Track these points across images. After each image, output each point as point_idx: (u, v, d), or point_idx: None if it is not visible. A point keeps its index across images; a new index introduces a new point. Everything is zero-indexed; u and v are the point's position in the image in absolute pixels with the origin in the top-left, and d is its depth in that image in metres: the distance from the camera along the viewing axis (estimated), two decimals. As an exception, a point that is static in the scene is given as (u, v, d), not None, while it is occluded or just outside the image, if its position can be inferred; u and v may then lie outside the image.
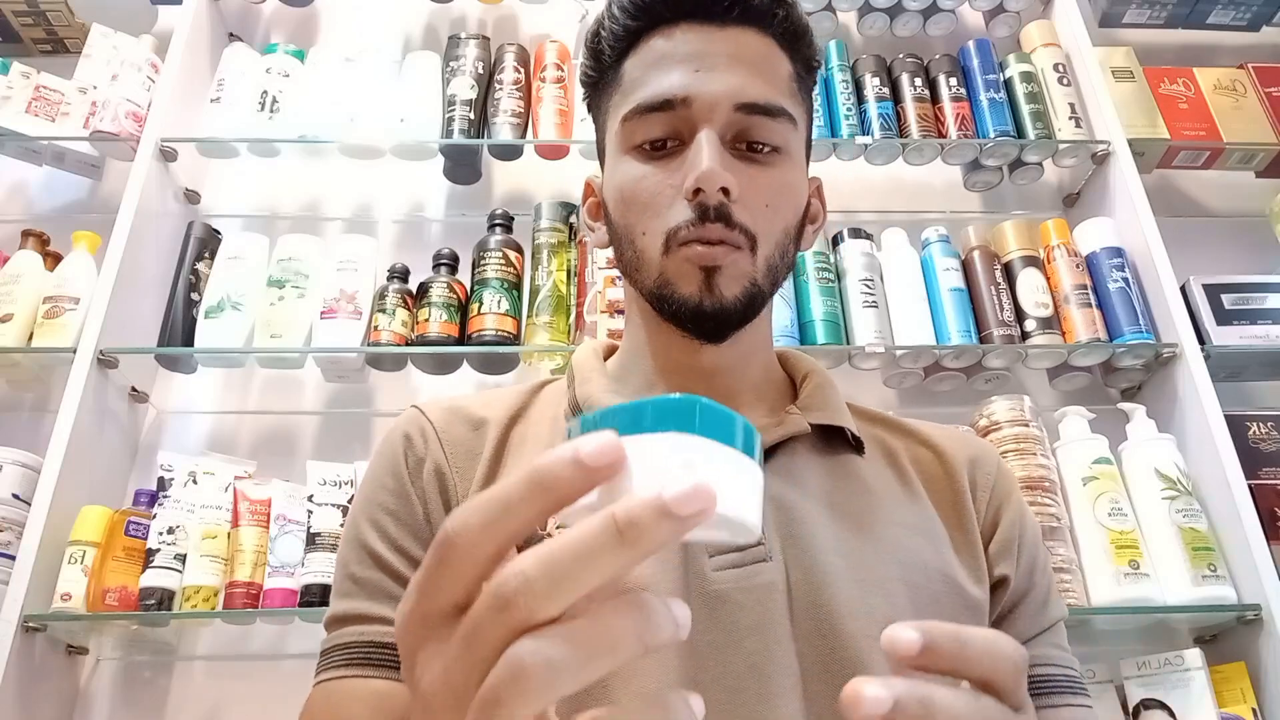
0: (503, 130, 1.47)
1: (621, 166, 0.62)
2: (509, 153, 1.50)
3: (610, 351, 0.72)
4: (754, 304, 0.60)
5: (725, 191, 0.57)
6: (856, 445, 0.64)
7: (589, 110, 0.71)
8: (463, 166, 1.52)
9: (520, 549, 0.28)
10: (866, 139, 1.48)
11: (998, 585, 0.62)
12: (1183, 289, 1.38)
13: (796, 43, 0.64)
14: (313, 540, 1.18)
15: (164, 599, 1.15)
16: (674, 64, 0.60)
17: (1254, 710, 1.12)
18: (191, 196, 1.54)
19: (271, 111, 1.48)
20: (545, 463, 0.27)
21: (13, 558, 1.14)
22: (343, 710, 0.55)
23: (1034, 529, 0.66)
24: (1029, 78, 1.55)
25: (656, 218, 0.59)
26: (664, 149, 0.60)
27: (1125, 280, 1.37)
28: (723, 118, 0.59)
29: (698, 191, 0.57)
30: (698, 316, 0.59)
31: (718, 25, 0.61)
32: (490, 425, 0.64)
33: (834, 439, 0.63)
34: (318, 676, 0.58)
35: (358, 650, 0.57)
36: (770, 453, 0.60)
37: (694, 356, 0.63)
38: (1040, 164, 1.53)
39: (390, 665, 0.56)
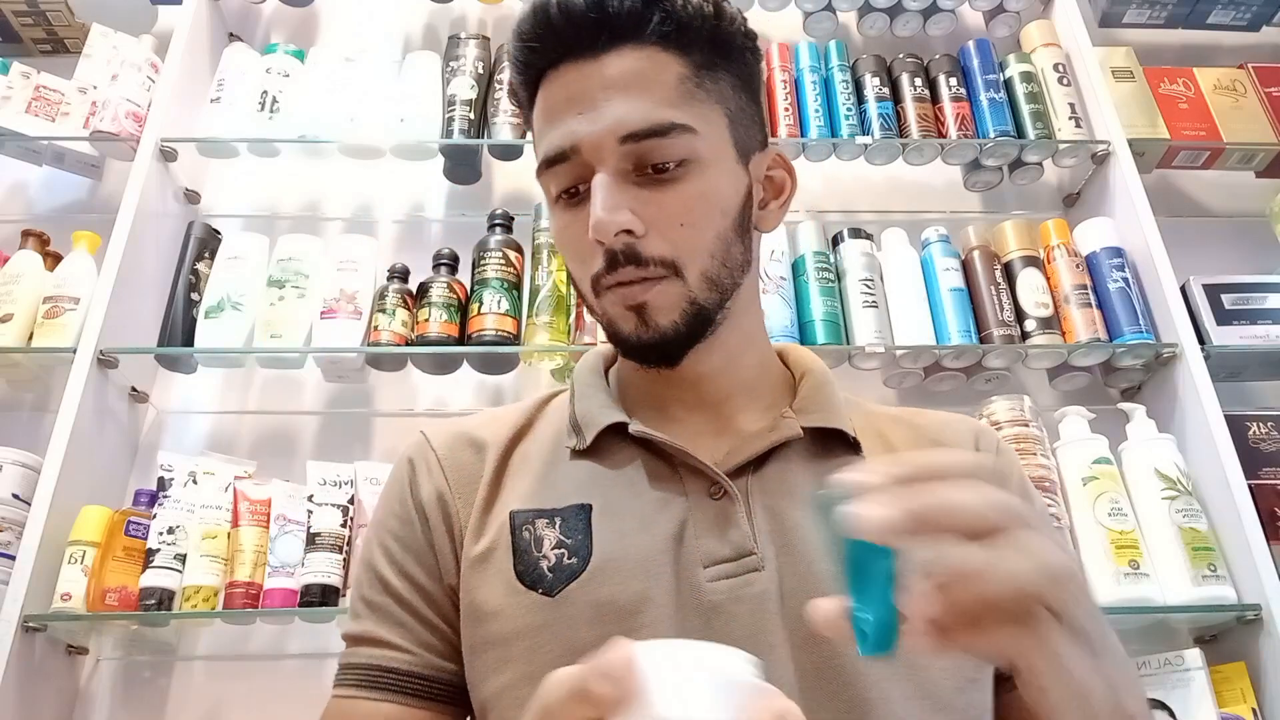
0: (503, 130, 1.47)
1: (551, 216, 0.64)
2: (509, 153, 1.50)
3: (614, 359, 0.72)
4: (699, 321, 0.60)
5: (630, 231, 0.57)
6: (854, 446, 0.63)
7: None
8: (463, 166, 1.52)
9: None
10: (866, 139, 1.48)
11: None
12: (1183, 289, 1.38)
13: (684, 36, 0.59)
14: (313, 540, 1.18)
15: (164, 599, 1.15)
16: (559, 112, 0.59)
17: (1254, 710, 1.12)
18: (191, 196, 1.54)
19: (271, 111, 1.48)
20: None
21: (13, 558, 1.14)
22: None
23: (1038, 507, 0.67)
24: (1029, 78, 1.55)
25: (582, 265, 0.61)
26: (576, 195, 0.60)
27: (1125, 280, 1.37)
28: (613, 155, 0.57)
29: (601, 240, 0.57)
30: (642, 349, 0.60)
31: (592, 57, 0.59)
32: (490, 448, 0.65)
33: (831, 440, 0.63)
34: (335, 689, 0.62)
35: (367, 672, 0.60)
36: (763, 460, 0.61)
37: (670, 372, 0.63)
38: (1040, 164, 1.53)
39: (395, 689, 0.59)
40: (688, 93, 0.59)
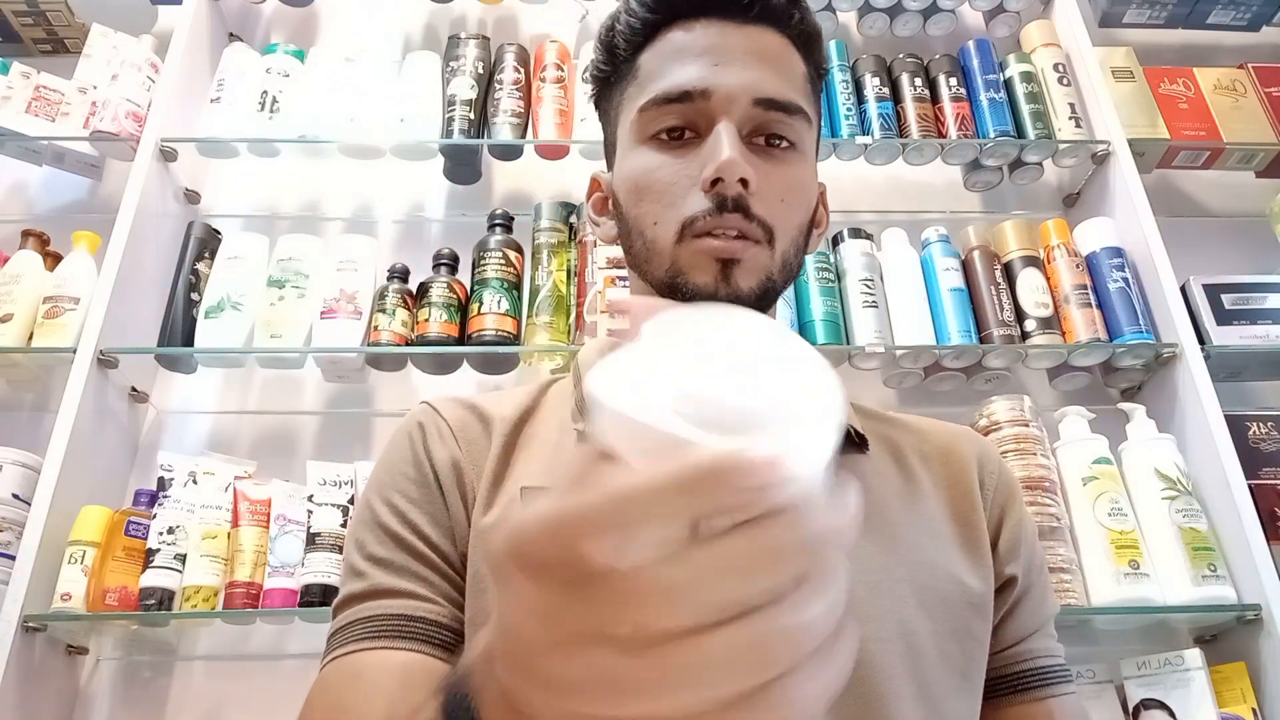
0: (503, 130, 1.47)
1: (636, 156, 0.62)
2: (509, 153, 1.50)
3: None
4: (767, 297, 0.60)
5: (744, 183, 0.57)
6: (860, 443, 0.64)
7: (596, 106, 0.71)
8: (463, 166, 1.52)
9: None
10: (866, 139, 1.48)
11: (1007, 584, 0.63)
12: (1183, 289, 1.38)
13: (810, 45, 0.66)
14: (313, 540, 1.18)
15: (164, 599, 1.15)
16: (692, 57, 0.61)
17: (1254, 710, 1.12)
18: (191, 196, 1.54)
19: (271, 111, 1.48)
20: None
21: (13, 558, 1.14)
22: (368, 679, 0.52)
23: (1032, 526, 0.68)
24: (1029, 78, 1.55)
25: (671, 207, 0.60)
26: (680, 139, 0.61)
27: (1125, 280, 1.37)
28: (741, 111, 0.59)
29: (716, 181, 0.57)
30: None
31: (736, 22, 0.62)
32: (498, 422, 0.64)
33: None
34: (334, 653, 0.55)
35: (385, 622, 0.54)
36: None
37: None
38: (1040, 164, 1.53)
39: (419, 638, 0.54)
40: (807, 91, 0.65)
